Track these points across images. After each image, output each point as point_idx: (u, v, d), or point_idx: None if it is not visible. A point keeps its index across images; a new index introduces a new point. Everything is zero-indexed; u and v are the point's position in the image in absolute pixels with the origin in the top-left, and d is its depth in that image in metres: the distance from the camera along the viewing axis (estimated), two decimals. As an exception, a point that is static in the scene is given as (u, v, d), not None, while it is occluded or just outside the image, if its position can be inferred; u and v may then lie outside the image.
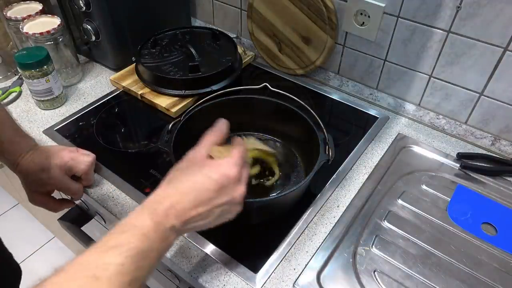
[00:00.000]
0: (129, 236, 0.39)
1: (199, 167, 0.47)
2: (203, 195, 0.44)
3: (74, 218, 0.78)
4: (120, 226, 0.40)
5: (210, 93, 0.73)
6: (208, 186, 0.45)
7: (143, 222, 0.41)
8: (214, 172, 0.46)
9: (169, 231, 0.42)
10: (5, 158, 0.62)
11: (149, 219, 0.41)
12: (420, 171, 0.75)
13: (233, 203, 0.47)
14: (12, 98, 0.91)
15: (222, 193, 0.45)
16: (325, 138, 0.65)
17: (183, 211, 0.43)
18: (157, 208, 0.42)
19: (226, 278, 0.58)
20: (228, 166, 0.46)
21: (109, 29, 0.91)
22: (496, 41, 0.69)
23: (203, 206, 0.44)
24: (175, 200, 0.43)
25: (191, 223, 0.44)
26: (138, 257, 0.38)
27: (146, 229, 0.40)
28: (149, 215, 0.42)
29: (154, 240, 0.40)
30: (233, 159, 0.48)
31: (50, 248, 1.64)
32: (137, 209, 0.43)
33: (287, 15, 0.89)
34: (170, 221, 0.42)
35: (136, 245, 0.39)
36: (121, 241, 0.39)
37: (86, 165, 0.67)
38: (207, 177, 0.45)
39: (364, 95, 0.92)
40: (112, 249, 0.38)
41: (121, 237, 0.39)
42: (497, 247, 0.63)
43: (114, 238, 0.39)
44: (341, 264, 0.60)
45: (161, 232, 0.41)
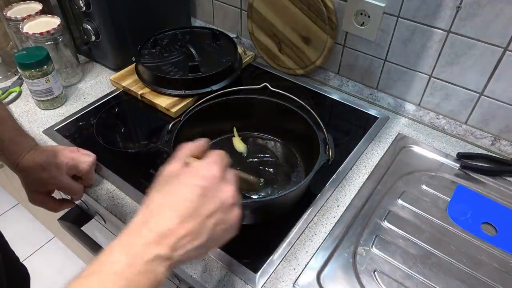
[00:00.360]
0: (97, 279, 0.33)
1: (176, 177, 0.40)
2: (187, 207, 0.37)
3: (74, 218, 0.78)
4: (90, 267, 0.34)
5: (210, 93, 0.73)
6: (189, 195, 0.38)
7: (115, 258, 0.34)
8: (193, 176, 0.39)
9: (152, 263, 0.35)
10: (5, 158, 0.62)
11: (122, 254, 0.35)
12: (420, 171, 0.75)
13: (225, 207, 0.39)
14: (12, 98, 0.91)
15: (208, 199, 0.38)
16: (325, 138, 0.65)
17: (167, 233, 0.36)
18: (133, 239, 0.36)
19: (226, 278, 0.58)
20: (207, 166, 0.40)
21: (109, 29, 0.91)
22: (496, 41, 0.69)
23: (190, 220, 0.37)
24: (154, 224, 0.36)
25: (182, 246, 0.36)
26: None
27: (117, 267, 0.34)
28: (122, 249, 0.35)
29: (131, 279, 0.34)
30: (210, 158, 0.41)
31: (50, 248, 1.64)
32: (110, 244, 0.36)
33: (287, 15, 0.89)
34: (152, 251, 0.35)
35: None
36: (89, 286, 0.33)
37: (87, 165, 0.67)
38: (185, 185, 0.39)
39: (364, 95, 0.92)
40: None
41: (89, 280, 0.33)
42: (497, 247, 0.63)
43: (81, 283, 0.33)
44: (341, 264, 0.60)
45: (139, 267, 0.34)
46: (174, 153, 0.44)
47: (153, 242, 0.35)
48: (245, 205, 0.61)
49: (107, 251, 0.35)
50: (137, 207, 0.68)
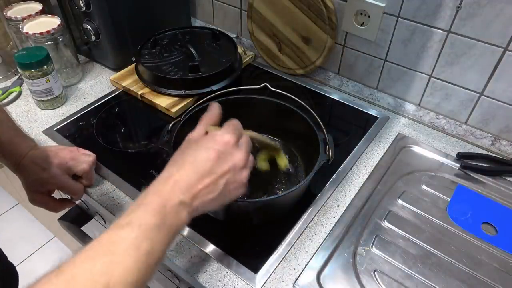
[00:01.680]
0: (139, 214, 0.40)
1: (195, 142, 0.48)
2: (204, 165, 0.45)
3: (74, 218, 0.78)
4: (129, 208, 0.41)
5: (210, 93, 0.73)
6: (206, 156, 0.45)
7: (151, 199, 0.42)
8: (210, 142, 0.47)
9: (179, 206, 0.42)
10: (5, 159, 0.62)
11: (156, 197, 0.42)
12: (420, 171, 0.75)
13: (236, 169, 0.47)
14: (12, 98, 0.91)
15: (222, 161, 0.46)
16: (325, 138, 0.65)
17: (188, 185, 0.44)
18: (161, 188, 0.43)
19: (226, 278, 0.58)
20: (222, 134, 0.48)
21: (109, 29, 0.91)
22: (496, 41, 0.69)
23: (207, 177, 0.45)
24: (178, 177, 0.44)
25: (200, 197, 0.44)
26: (151, 230, 0.39)
27: (155, 205, 0.41)
28: (155, 194, 0.42)
29: (164, 215, 0.41)
30: (226, 128, 0.49)
31: (50, 248, 1.64)
32: (142, 193, 0.43)
33: (287, 15, 0.89)
34: (178, 197, 0.42)
35: (147, 220, 0.39)
36: (132, 218, 0.39)
37: (87, 165, 0.67)
38: (204, 148, 0.46)
39: (364, 95, 0.92)
40: (125, 226, 0.39)
41: (132, 215, 0.40)
42: (497, 247, 0.63)
43: (125, 217, 0.40)
44: (341, 264, 0.60)
45: (170, 208, 0.41)
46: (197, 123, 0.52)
47: (178, 190, 0.43)
48: (245, 205, 0.61)
49: (142, 196, 0.42)
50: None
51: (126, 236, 0.38)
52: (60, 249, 1.62)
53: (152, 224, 0.39)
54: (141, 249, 0.37)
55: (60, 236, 1.58)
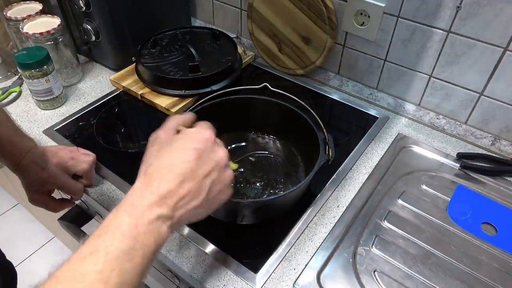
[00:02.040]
0: (105, 239, 0.35)
1: (169, 143, 0.43)
2: (184, 168, 0.40)
3: (74, 218, 0.78)
4: (97, 230, 0.36)
5: (210, 93, 0.73)
6: (186, 157, 0.40)
7: (120, 220, 0.36)
8: (187, 141, 0.42)
9: (156, 222, 0.37)
10: (5, 159, 0.62)
11: (126, 215, 0.37)
12: (420, 171, 0.75)
13: (220, 167, 0.42)
14: (12, 98, 0.91)
15: (204, 159, 0.41)
16: (325, 138, 0.65)
17: (167, 194, 0.38)
18: (135, 201, 0.38)
19: (226, 278, 0.58)
20: (200, 130, 0.43)
21: (109, 29, 0.91)
22: (496, 41, 0.69)
23: (188, 181, 0.39)
24: (155, 186, 0.38)
25: (182, 206, 0.39)
26: (119, 260, 0.34)
27: (124, 227, 0.36)
28: (126, 211, 0.37)
29: (137, 238, 0.36)
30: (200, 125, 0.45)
31: (50, 248, 1.64)
32: (113, 209, 0.38)
33: (287, 15, 0.89)
34: (155, 211, 0.37)
35: (115, 247, 0.34)
36: (97, 246, 0.35)
37: (87, 164, 0.67)
38: (181, 149, 0.41)
39: (364, 95, 0.92)
40: (89, 256, 0.34)
41: (97, 242, 0.35)
42: (497, 247, 0.63)
43: (90, 244, 0.35)
44: (341, 264, 0.60)
45: (144, 226, 0.36)
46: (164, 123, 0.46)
47: (155, 203, 0.38)
48: (245, 205, 0.61)
49: (112, 215, 0.37)
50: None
51: (90, 269, 0.33)
52: (60, 249, 1.62)
53: (120, 251, 0.34)
54: (109, 283, 0.33)
55: (60, 236, 1.58)
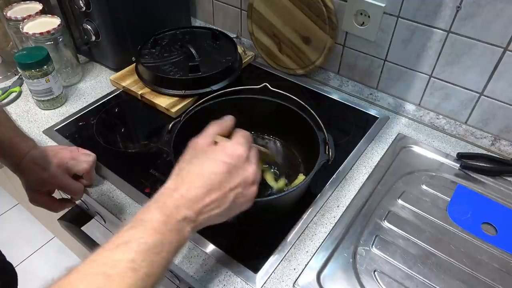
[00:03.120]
0: (138, 232, 0.38)
1: (204, 153, 0.45)
2: (213, 179, 0.43)
3: (74, 218, 0.78)
4: (130, 223, 0.39)
5: (210, 93, 0.72)
6: (216, 169, 0.43)
7: (152, 216, 0.39)
8: (221, 154, 0.44)
9: (182, 223, 0.40)
10: (5, 159, 0.62)
11: (158, 212, 0.40)
12: (420, 171, 0.75)
13: (247, 184, 0.45)
14: (12, 98, 0.91)
15: (233, 174, 0.44)
16: (325, 138, 0.65)
17: (194, 199, 0.41)
18: (166, 201, 0.41)
19: (226, 278, 0.58)
20: (234, 146, 0.45)
21: (109, 29, 0.91)
22: (496, 41, 0.69)
23: (215, 191, 0.42)
24: (184, 190, 0.42)
25: (206, 212, 0.42)
26: (149, 252, 0.37)
27: (155, 223, 0.39)
28: (158, 209, 0.40)
29: (165, 234, 0.39)
30: (237, 139, 0.46)
31: (50, 248, 1.64)
32: (146, 204, 0.41)
33: (287, 15, 0.89)
34: (182, 213, 0.41)
35: (146, 240, 0.37)
36: (130, 237, 0.37)
37: (87, 164, 0.67)
38: (214, 161, 0.44)
39: (364, 95, 0.92)
40: (122, 245, 0.37)
41: (130, 233, 0.38)
42: (497, 247, 0.63)
43: (123, 235, 0.38)
44: (341, 264, 0.60)
45: (172, 225, 0.40)
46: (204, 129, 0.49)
47: (183, 205, 0.41)
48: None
49: (145, 210, 0.40)
50: (137, 207, 0.68)
51: (122, 258, 0.35)
52: (60, 249, 1.62)
53: (151, 244, 0.37)
54: (139, 273, 0.35)
55: (60, 236, 1.58)
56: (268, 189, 0.69)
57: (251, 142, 0.49)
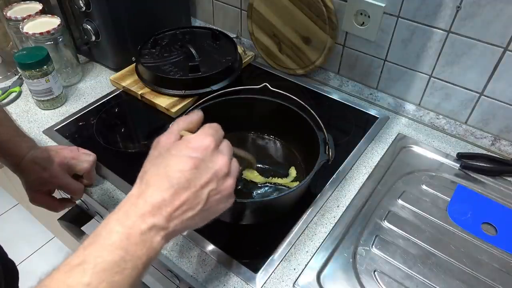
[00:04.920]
0: (94, 250, 0.34)
1: (167, 150, 0.40)
2: (180, 177, 0.38)
3: (74, 218, 0.78)
4: (87, 239, 0.35)
5: (210, 93, 0.72)
6: (182, 166, 0.38)
7: (111, 229, 0.35)
8: (185, 149, 0.39)
9: (149, 233, 0.36)
10: (5, 159, 0.62)
11: (117, 225, 0.35)
12: (420, 171, 0.75)
13: (219, 177, 0.40)
14: (12, 98, 0.91)
15: (201, 169, 0.39)
16: (325, 138, 0.65)
17: (161, 204, 0.37)
18: (128, 209, 0.37)
19: (226, 278, 0.58)
20: (199, 138, 0.40)
21: (109, 29, 0.91)
22: (496, 41, 0.69)
23: (184, 191, 0.38)
24: (149, 195, 0.37)
25: (177, 216, 0.37)
26: (108, 272, 0.33)
27: (114, 237, 0.34)
28: (117, 221, 0.36)
29: (128, 249, 0.34)
30: (203, 130, 0.42)
31: (50, 248, 1.64)
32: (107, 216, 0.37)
33: (287, 15, 0.89)
34: (148, 221, 0.36)
35: (103, 259, 0.33)
36: (85, 257, 0.33)
37: (88, 164, 0.67)
38: (179, 157, 0.39)
39: (364, 95, 0.92)
40: (76, 267, 0.33)
41: (86, 252, 0.34)
42: (497, 247, 0.63)
43: (78, 254, 0.34)
44: (341, 264, 0.60)
45: (136, 237, 0.35)
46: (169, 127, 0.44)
47: (148, 212, 0.36)
48: (245, 205, 0.61)
49: (104, 223, 0.36)
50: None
51: (77, 282, 0.32)
52: (60, 249, 1.62)
53: (110, 262, 0.33)
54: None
55: (60, 236, 1.58)
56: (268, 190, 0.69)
57: (221, 133, 0.43)
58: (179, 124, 0.44)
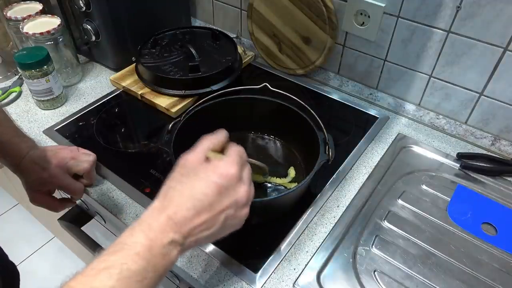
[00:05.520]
0: (120, 257, 0.36)
1: (195, 171, 0.43)
2: (203, 200, 0.41)
3: (74, 218, 0.78)
4: (112, 246, 0.37)
5: (210, 93, 0.73)
6: (207, 190, 0.41)
7: (136, 239, 0.38)
8: (212, 174, 0.42)
9: (168, 247, 0.38)
10: (5, 159, 0.62)
11: (143, 236, 0.38)
12: (420, 171, 0.75)
13: (238, 205, 0.43)
14: (12, 98, 0.91)
15: (224, 196, 0.42)
16: (325, 138, 0.65)
17: (183, 221, 0.40)
18: (152, 223, 0.39)
19: (226, 278, 0.58)
20: (226, 166, 0.43)
21: (109, 29, 0.91)
22: (496, 41, 0.69)
23: (205, 213, 0.41)
24: (172, 212, 0.40)
25: (194, 235, 0.41)
26: (131, 279, 0.35)
27: (139, 248, 0.37)
28: (142, 232, 0.38)
29: (150, 260, 0.37)
30: (230, 157, 0.44)
31: (50, 248, 1.64)
32: (131, 226, 0.39)
33: (287, 15, 0.89)
34: (169, 235, 0.39)
35: (128, 267, 0.35)
36: (111, 262, 0.35)
37: (88, 164, 0.68)
38: (205, 181, 0.42)
39: (364, 95, 0.92)
40: (102, 272, 0.35)
41: (112, 258, 0.36)
42: (497, 247, 0.63)
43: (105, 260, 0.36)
44: (341, 264, 0.60)
45: (158, 250, 0.38)
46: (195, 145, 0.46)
47: (170, 228, 0.39)
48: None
49: (129, 233, 0.38)
50: (137, 207, 0.68)
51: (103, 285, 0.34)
52: (60, 249, 1.62)
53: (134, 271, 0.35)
54: None
55: (60, 236, 1.58)
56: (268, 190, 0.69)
57: (245, 158, 0.46)
58: (206, 143, 0.46)
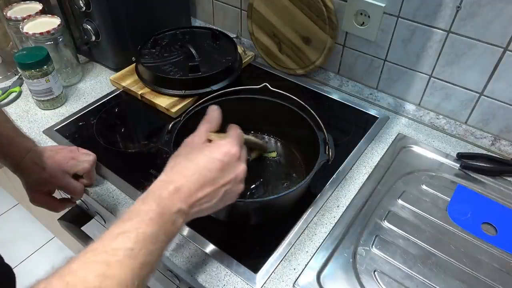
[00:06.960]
0: (136, 222, 0.40)
1: (200, 149, 0.47)
2: (208, 175, 0.45)
3: (74, 218, 0.78)
4: (127, 214, 0.41)
5: (210, 93, 0.73)
6: (211, 166, 0.46)
7: (149, 207, 0.41)
8: (216, 152, 0.47)
9: (176, 215, 0.42)
10: (5, 160, 0.62)
11: (154, 204, 0.42)
12: (420, 171, 0.75)
13: (236, 181, 0.48)
14: (12, 98, 0.91)
15: (226, 172, 0.47)
16: (325, 138, 0.65)
17: (188, 193, 0.44)
18: (162, 193, 0.43)
19: (226, 278, 0.58)
20: (229, 145, 0.48)
21: (109, 29, 0.91)
22: (496, 41, 0.69)
23: (208, 186, 0.45)
24: (179, 184, 0.44)
25: (198, 205, 0.45)
26: (146, 241, 0.39)
27: (152, 214, 0.41)
28: (154, 201, 0.42)
29: (161, 225, 0.41)
30: (232, 138, 0.49)
31: (50, 248, 1.64)
32: (142, 196, 0.43)
33: (287, 15, 0.89)
34: (176, 205, 0.43)
35: (143, 230, 0.39)
36: (128, 227, 0.39)
37: (88, 164, 0.68)
38: (210, 158, 0.46)
39: (364, 95, 0.92)
40: (121, 235, 0.38)
41: (128, 224, 0.39)
42: (497, 247, 0.63)
43: (122, 225, 0.39)
44: (341, 264, 0.60)
45: (167, 217, 0.42)
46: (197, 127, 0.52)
47: (178, 198, 0.43)
48: (245, 205, 0.61)
49: (141, 201, 0.42)
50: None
51: (121, 247, 0.37)
52: (60, 249, 1.62)
53: (149, 234, 0.39)
54: (137, 261, 0.37)
55: (60, 236, 1.58)
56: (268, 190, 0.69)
57: (243, 139, 0.52)
58: (205, 126, 0.52)
